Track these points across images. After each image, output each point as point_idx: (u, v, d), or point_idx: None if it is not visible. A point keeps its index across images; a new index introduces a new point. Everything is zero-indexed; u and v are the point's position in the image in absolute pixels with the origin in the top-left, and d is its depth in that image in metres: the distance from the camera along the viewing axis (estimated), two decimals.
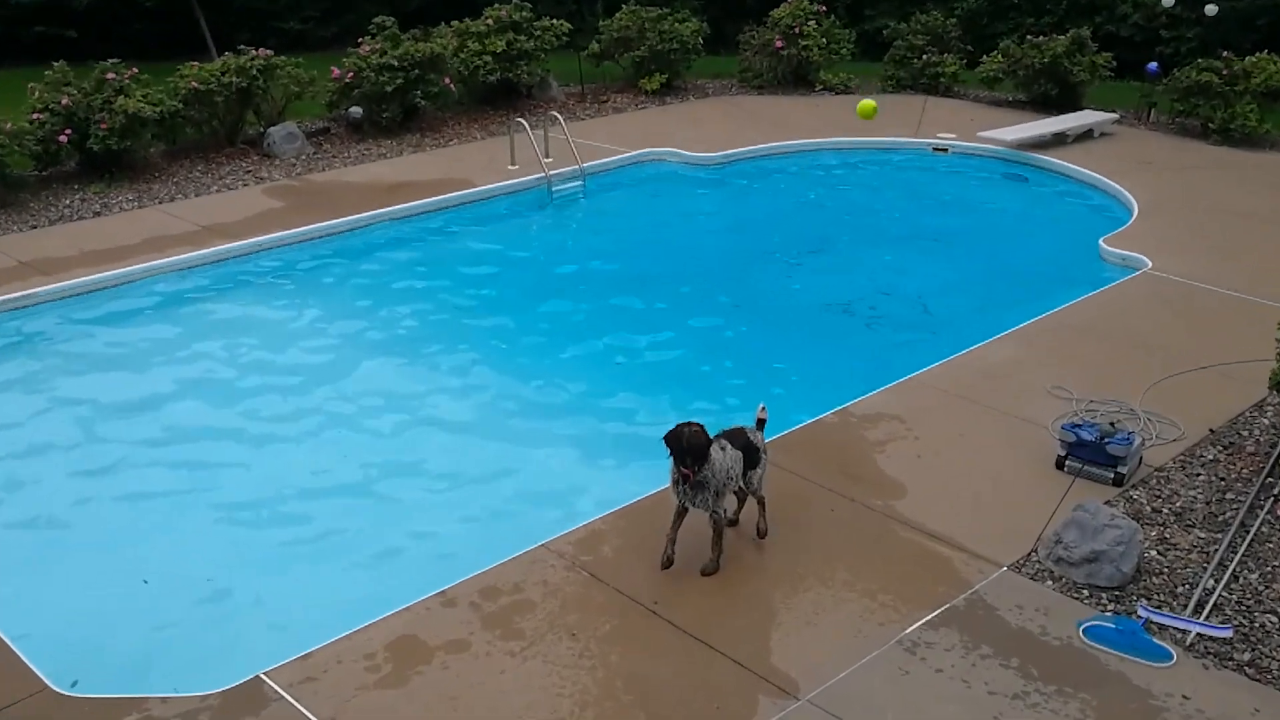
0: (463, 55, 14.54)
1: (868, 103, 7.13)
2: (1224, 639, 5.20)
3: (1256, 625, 5.29)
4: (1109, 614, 5.40)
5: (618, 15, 16.19)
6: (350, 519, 6.59)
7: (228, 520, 6.62)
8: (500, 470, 7.08)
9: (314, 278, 10.18)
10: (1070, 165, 12.84)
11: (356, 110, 14.26)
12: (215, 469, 7.14)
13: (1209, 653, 5.13)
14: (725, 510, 5.70)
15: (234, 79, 12.92)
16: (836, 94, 16.31)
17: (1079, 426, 6.53)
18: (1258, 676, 4.99)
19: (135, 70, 12.57)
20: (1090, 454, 6.43)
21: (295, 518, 6.62)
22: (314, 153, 13.42)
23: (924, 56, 16.02)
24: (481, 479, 6.99)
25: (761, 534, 5.85)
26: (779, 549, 5.84)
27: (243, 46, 13.46)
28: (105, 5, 18.51)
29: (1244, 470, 6.47)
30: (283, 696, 4.91)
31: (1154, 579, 5.64)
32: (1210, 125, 13.61)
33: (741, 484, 5.70)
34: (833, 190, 12.86)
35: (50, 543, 6.35)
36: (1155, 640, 5.21)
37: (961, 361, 8.02)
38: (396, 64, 13.64)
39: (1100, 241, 10.45)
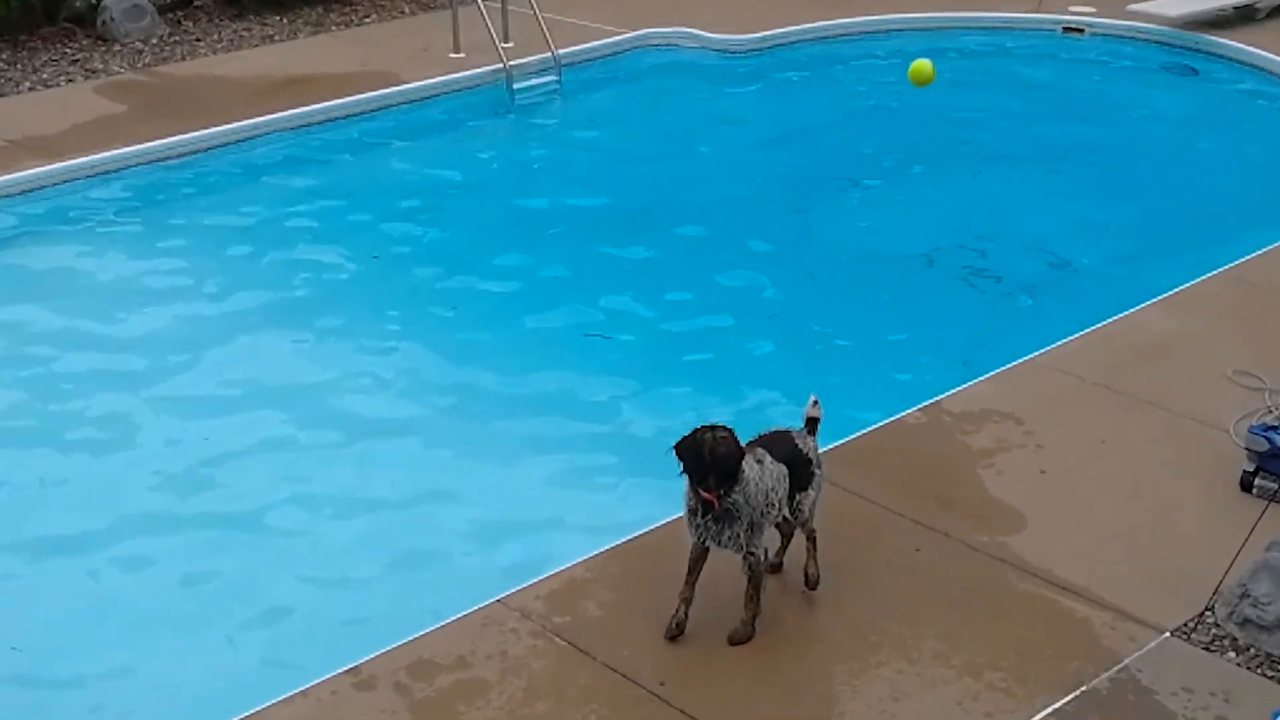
0: None
1: (923, 63, 7.02)
2: None
3: None
4: None
5: None
6: (220, 561, 6.57)
7: (40, 561, 6.58)
8: (438, 492, 7.06)
9: (169, 213, 10.13)
10: (1259, 52, 12.76)
11: None
12: (21, 490, 7.10)
13: None
14: (765, 550, 5.66)
15: None
16: None
17: (1274, 429, 6.50)
18: None
19: None
20: None
21: (139, 559, 6.58)
22: (170, 35, 13.36)
23: None
24: (411, 504, 6.97)
25: (812, 583, 5.84)
26: (839, 605, 5.80)
27: None
28: None
29: None
30: None
31: None
32: None
33: (786, 512, 5.68)
34: (917, 90, 12.67)
35: None
36: None
37: (1104, 335, 8.00)
38: None
39: None
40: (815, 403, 5.82)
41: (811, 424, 5.80)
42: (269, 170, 10.83)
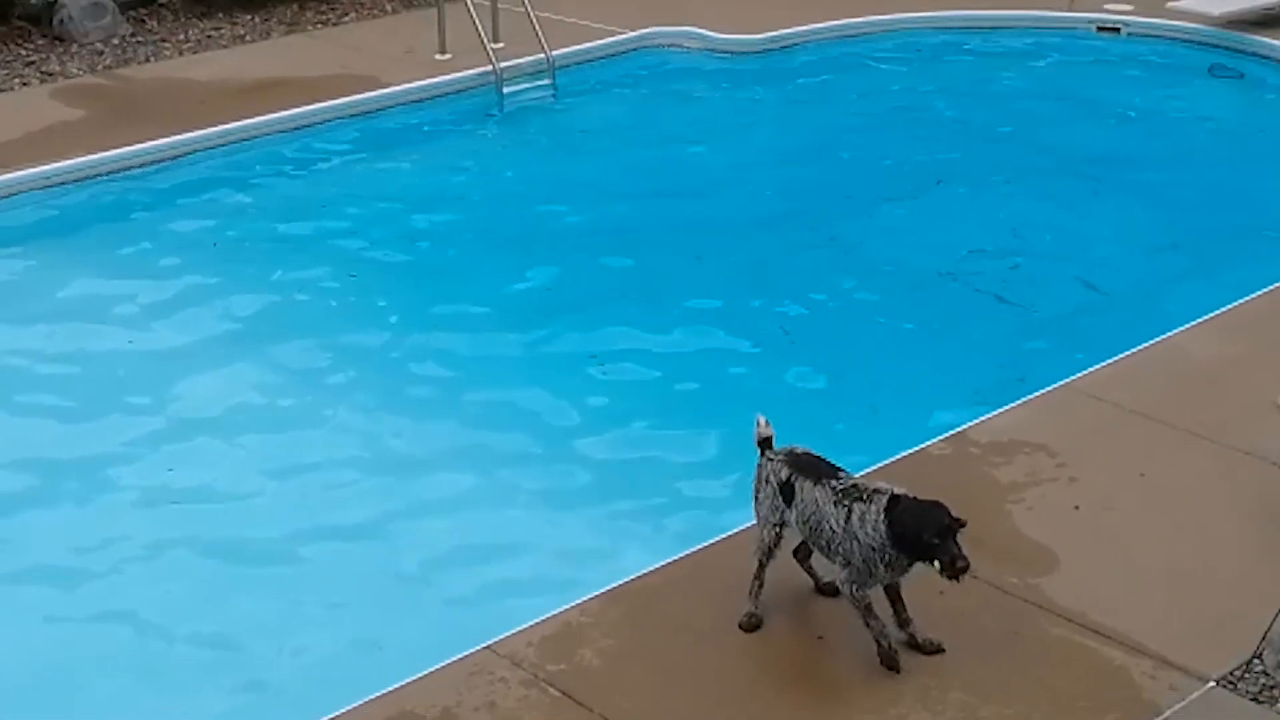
0: None
1: None
2: None
3: None
4: None
5: None
6: (179, 604, 6.49)
7: None
8: (420, 527, 7.02)
9: (131, 229, 10.16)
10: None
11: None
12: None
13: None
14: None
15: None
16: None
17: None
18: None
19: None
20: None
21: (81, 605, 6.56)
22: (132, 34, 13.36)
23: None
24: (389, 540, 6.94)
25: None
26: (855, 654, 5.70)
27: None
28: None
29: None
30: None
31: None
32: None
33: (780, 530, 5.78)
34: (945, 95, 12.83)
35: None
36: None
37: (1143, 360, 7.95)
38: None
39: None
40: (764, 423, 5.82)
41: (766, 444, 5.82)
42: (239, 181, 10.82)
